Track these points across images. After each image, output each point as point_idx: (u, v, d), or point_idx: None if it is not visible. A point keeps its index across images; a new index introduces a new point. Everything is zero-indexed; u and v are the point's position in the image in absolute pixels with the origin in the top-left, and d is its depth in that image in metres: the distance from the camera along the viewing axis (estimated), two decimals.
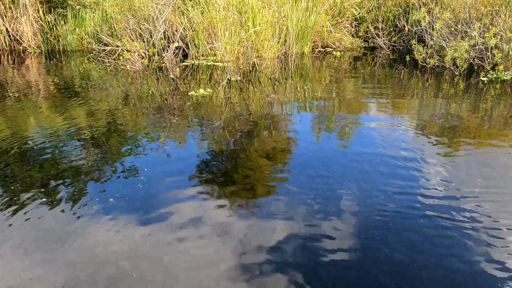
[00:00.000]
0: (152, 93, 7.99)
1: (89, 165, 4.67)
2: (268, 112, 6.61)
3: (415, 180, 4.21)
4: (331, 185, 4.11)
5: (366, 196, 3.90)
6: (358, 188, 4.05)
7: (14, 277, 2.89)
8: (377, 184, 4.11)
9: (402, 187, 4.06)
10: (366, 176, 4.30)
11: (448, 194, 3.94)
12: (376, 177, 4.28)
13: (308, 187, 4.08)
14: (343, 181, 4.21)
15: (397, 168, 4.47)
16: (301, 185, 4.13)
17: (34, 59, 12.04)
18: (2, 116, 6.57)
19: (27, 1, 13.01)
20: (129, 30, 10.76)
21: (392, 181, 4.18)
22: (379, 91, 8.10)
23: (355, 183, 4.16)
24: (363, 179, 4.23)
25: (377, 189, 4.02)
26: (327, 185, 4.11)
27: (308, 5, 11.56)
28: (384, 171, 4.40)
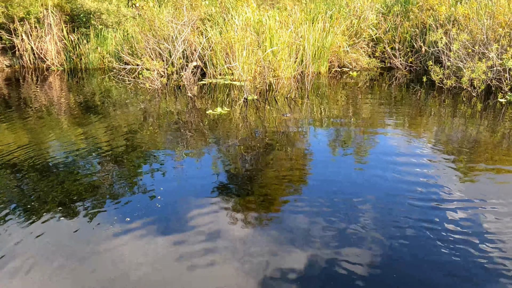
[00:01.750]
0: (170, 111, 8.14)
1: (107, 182, 4.78)
2: (284, 131, 6.67)
3: (433, 200, 4.19)
4: (349, 204, 4.12)
5: (384, 216, 3.91)
6: (376, 208, 4.05)
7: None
8: (395, 205, 4.11)
9: (421, 208, 4.05)
10: (383, 196, 4.30)
11: (468, 216, 3.92)
12: (394, 198, 4.28)
13: (325, 205, 4.11)
14: (361, 200, 4.22)
15: (415, 188, 4.47)
16: (318, 203, 4.15)
17: (57, 76, 12.38)
18: (25, 132, 6.77)
19: (52, 20, 13.45)
20: (149, 49, 11.01)
21: (410, 201, 4.17)
22: (396, 111, 8.12)
23: (373, 203, 4.16)
24: (381, 199, 4.24)
25: (396, 211, 4.02)
26: (345, 204, 4.12)
27: (325, 26, 11.70)
28: (402, 191, 4.40)
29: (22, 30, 13.47)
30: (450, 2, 12.14)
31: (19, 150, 5.77)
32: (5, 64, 14.20)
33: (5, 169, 5.11)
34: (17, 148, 5.88)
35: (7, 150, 5.79)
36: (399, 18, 12.73)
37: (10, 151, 5.75)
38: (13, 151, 5.74)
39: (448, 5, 11.95)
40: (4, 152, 5.69)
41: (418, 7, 12.40)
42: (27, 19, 13.33)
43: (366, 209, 4.04)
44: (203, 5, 13.10)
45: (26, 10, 13.16)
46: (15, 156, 5.54)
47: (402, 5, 13.05)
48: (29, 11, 13.21)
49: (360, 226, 3.74)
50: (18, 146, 5.98)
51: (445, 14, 11.52)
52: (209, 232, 3.66)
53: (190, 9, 12.24)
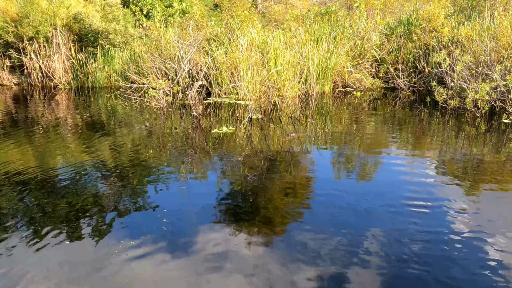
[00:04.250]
0: (176, 130, 8.22)
1: (112, 201, 4.81)
2: (289, 151, 6.71)
3: (438, 221, 4.19)
4: (354, 224, 4.13)
5: (389, 236, 3.90)
6: (381, 228, 4.05)
7: None
8: (399, 226, 4.11)
9: (424, 228, 4.05)
10: (387, 217, 4.30)
11: (474, 236, 3.91)
12: (398, 218, 4.28)
13: (330, 225, 4.11)
14: (364, 221, 4.22)
15: (419, 208, 4.47)
16: (323, 223, 4.16)
17: (64, 95, 12.53)
18: (31, 149, 6.85)
19: (60, 40, 13.68)
20: (155, 69, 11.16)
21: (415, 222, 4.17)
22: (399, 131, 8.16)
23: (377, 224, 4.16)
24: (385, 220, 4.24)
25: (399, 232, 4.01)
26: (350, 224, 4.13)
27: (329, 46, 11.84)
28: (406, 213, 4.40)
29: (31, 49, 13.70)
30: (453, 24, 12.27)
31: (25, 167, 5.82)
32: (13, 82, 14.40)
33: (10, 186, 5.16)
34: (23, 165, 5.94)
35: (14, 167, 5.85)
36: (402, 39, 12.87)
37: (16, 168, 5.80)
38: (19, 168, 5.80)
39: (450, 27, 12.08)
40: (10, 169, 5.74)
41: (421, 29, 12.54)
42: (36, 38, 13.57)
43: (371, 229, 4.04)
44: (209, 25, 13.31)
45: (36, 29, 13.41)
46: (21, 173, 5.59)
47: (405, 27, 13.20)
48: (38, 31, 13.46)
49: (365, 246, 3.74)
50: (24, 163, 6.04)
51: (448, 35, 11.64)
52: (214, 252, 3.67)
53: (196, 29, 12.43)
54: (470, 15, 13.49)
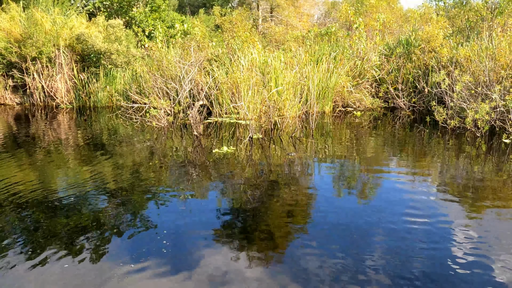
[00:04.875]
0: (176, 149, 8.23)
1: (112, 220, 4.80)
2: (289, 170, 6.71)
3: (440, 241, 4.16)
4: (354, 244, 4.10)
5: (390, 255, 3.88)
6: (382, 248, 4.03)
7: None
8: (401, 244, 4.08)
9: (427, 249, 4.02)
10: (389, 236, 4.28)
11: (477, 253, 3.88)
12: (400, 237, 4.25)
13: (330, 244, 4.09)
14: (366, 240, 4.20)
15: (420, 226, 4.44)
16: (322, 243, 4.13)
17: (66, 114, 12.60)
18: (33, 168, 6.85)
19: (63, 60, 13.83)
20: (156, 89, 11.26)
21: (417, 240, 4.14)
22: (400, 151, 8.17)
23: (378, 242, 4.14)
24: (386, 239, 4.21)
25: (402, 250, 3.99)
26: (350, 244, 4.10)
27: (329, 66, 11.95)
28: (408, 231, 4.38)
29: (34, 69, 13.83)
30: (452, 45, 12.40)
31: (26, 187, 5.82)
32: (15, 101, 14.51)
33: (11, 205, 5.15)
34: (24, 184, 5.94)
35: (14, 186, 5.85)
36: (401, 59, 13.00)
37: (17, 187, 5.80)
38: (20, 187, 5.80)
39: (449, 48, 12.21)
40: (11, 189, 5.74)
41: (420, 49, 12.67)
42: (39, 58, 13.71)
43: (373, 248, 4.02)
44: (210, 46, 13.46)
45: (39, 50, 13.57)
46: (22, 193, 5.59)
47: (404, 47, 13.35)
48: (42, 51, 13.61)
49: (367, 265, 3.71)
50: (25, 182, 6.04)
51: (447, 56, 11.75)
52: (215, 274, 3.64)
53: (198, 50, 12.57)
54: (468, 36, 13.66)
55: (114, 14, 17.27)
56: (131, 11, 17.05)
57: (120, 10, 17.30)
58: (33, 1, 15.56)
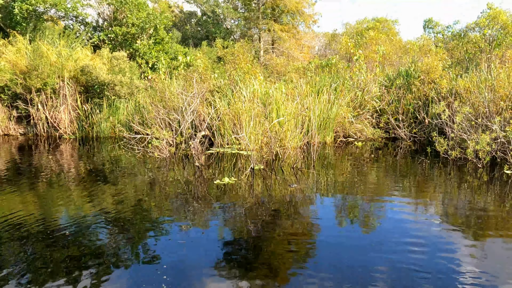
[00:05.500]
0: (178, 180, 8.24)
1: (113, 253, 4.77)
2: (291, 202, 6.69)
3: (444, 272, 4.12)
4: (357, 276, 4.06)
5: (392, 287, 3.83)
6: (384, 279, 3.98)
7: None
8: (404, 274, 4.04)
9: (431, 279, 3.97)
10: (391, 266, 4.23)
11: (481, 285, 3.84)
12: (403, 267, 4.21)
13: (332, 276, 4.04)
14: (368, 270, 4.15)
15: (422, 256, 4.40)
16: (325, 274, 4.09)
17: (69, 144, 12.68)
18: (34, 198, 6.85)
19: (67, 91, 14.02)
20: (159, 119, 11.36)
21: (419, 270, 4.10)
22: (401, 181, 8.16)
23: (381, 273, 4.09)
24: (389, 269, 4.17)
25: (404, 281, 3.94)
26: (353, 276, 4.06)
27: (330, 97, 12.08)
28: (410, 261, 4.33)
29: (38, 100, 14.01)
30: (451, 76, 12.56)
31: (27, 217, 5.81)
32: (19, 132, 14.62)
33: (12, 235, 5.13)
34: (25, 214, 5.93)
35: (16, 218, 5.83)
36: (401, 90, 13.14)
37: (18, 217, 5.79)
38: (21, 219, 5.79)
39: (449, 79, 12.36)
40: (13, 220, 5.73)
41: (419, 81, 12.83)
42: (44, 89, 13.91)
43: (375, 278, 3.97)
44: (213, 77, 13.66)
45: (44, 81, 13.78)
46: (24, 224, 5.58)
47: (404, 79, 13.52)
48: (46, 83, 13.82)
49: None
50: (27, 212, 6.03)
51: (446, 87, 11.89)
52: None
53: (200, 81, 12.75)
54: (467, 67, 13.85)
55: (118, 46, 17.61)
56: (135, 44, 17.39)
57: (125, 42, 17.64)
58: (39, 34, 15.89)
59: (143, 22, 17.37)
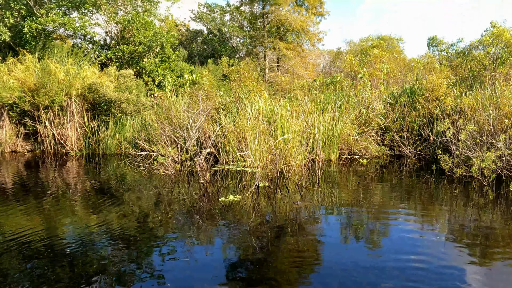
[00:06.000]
0: (183, 197, 8.27)
1: (118, 268, 4.78)
2: (295, 219, 6.70)
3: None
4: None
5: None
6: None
7: None
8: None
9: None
10: (397, 286, 4.22)
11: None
12: (409, 286, 4.20)
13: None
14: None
15: (430, 277, 4.38)
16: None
17: (75, 161, 12.77)
18: (39, 215, 6.90)
19: (74, 109, 14.18)
20: (164, 137, 11.45)
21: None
22: (407, 199, 8.14)
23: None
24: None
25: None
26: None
27: (334, 115, 12.14)
28: (417, 281, 4.32)
29: (46, 118, 14.17)
30: (455, 94, 12.60)
31: (32, 233, 5.85)
32: (26, 149, 14.76)
33: (18, 252, 5.17)
34: (30, 231, 5.97)
35: (22, 233, 5.88)
36: (406, 108, 13.18)
37: (24, 234, 5.83)
38: (27, 234, 5.83)
39: (453, 97, 12.39)
40: (19, 235, 5.77)
41: (424, 98, 12.87)
42: (51, 107, 14.08)
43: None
44: (218, 95, 13.79)
45: (51, 99, 13.96)
46: (29, 240, 5.62)
47: (408, 96, 13.57)
48: (54, 100, 14.00)
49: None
50: (32, 229, 6.08)
51: (451, 105, 11.92)
52: None
53: (205, 99, 12.87)
54: (472, 85, 13.88)
55: (125, 64, 17.85)
56: (142, 62, 17.62)
57: (132, 60, 17.89)
58: (48, 52, 16.17)
59: (150, 41, 17.63)
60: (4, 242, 5.59)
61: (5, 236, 5.84)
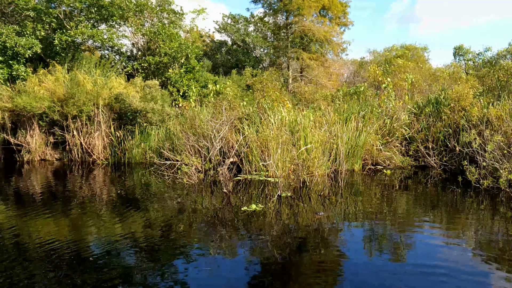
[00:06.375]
0: (206, 206, 8.36)
1: (141, 277, 4.88)
2: (318, 230, 6.68)
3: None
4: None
5: None
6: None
7: None
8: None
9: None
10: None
11: None
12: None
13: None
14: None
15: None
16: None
17: (102, 170, 13.06)
18: (67, 222, 7.09)
19: (101, 118, 14.52)
20: (188, 146, 11.61)
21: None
22: (432, 211, 8.02)
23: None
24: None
25: None
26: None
27: (358, 125, 12.08)
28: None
29: (74, 127, 14.55)
30: (482, 104, 12.38)
31: (59, 239, 6.02)
32: (55, 157, 15.17)
33: (45, 257, 5.33)
34: (57, 237, 6.15)
35: (49, 239, 6.05)
36: (431, 118, 13.01)
37: (51, 240, 6.01)
38: (54, 240, 6.00)
39: (480, 107, 12.17)
40: (46, 241, 5.95)
41: (450, 108, 12.68)
42: (80, 117, 14.46)
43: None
44: (241, 105, 13.91)
45: (80, 109, 14.34)
46: (56, 245, 5.78)
47: (434, 106, 13.39)
48: (82, 110, 14.38)
49: None
50: (59, 235, 6.25)
51: (477, 115, 11.71)
52: None
53: (229, 109, 13.00)
54: (499, 95, 13.61)
55: (151, 75, 18.20)
56: (167, 72, 17.93)
57: (157, 71, 18.23)
58: (77, 64, 16.64)
59: (175, 52, 17.95)
60: (33, 248, 5.77)
61: (34, 242, 6.03)
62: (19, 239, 6.23)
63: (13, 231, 6.66)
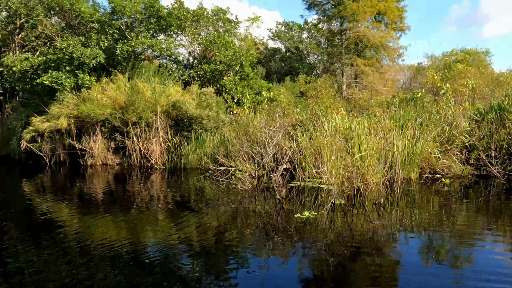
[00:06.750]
0: (259, 212, 8.46)
1: (195, 279, 5.03)
2: (372, 238, 6.58)
3: None
4: None
5: None
6: None
7: None
8: None
9: None
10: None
11: None
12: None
13: None
14: None
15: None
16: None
17: (159, 174, 13.55)
18: (125, 223, 7.43)
19: (159, 125, 15.07)
20: (242, 152, 11.79)
21: None
22: (494, 222, 7.65)
23: None
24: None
25: None
26: None
27: (415, 132, 11.75)
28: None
29: (134, 133, 15.20)
30: None
31: (117, 241, 6.33)
32: (115, 162, 15.91)
33: (104, 257, 5.63)
34: (117, 238, 6.47)
35: (108, 239, 6.38)
36: (494, 125, 12.42)
37: (110, 240, 6.33)
38: (112, 241, 6.32)
39: None
40: (105, 242, 6.28)
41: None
42: (139, 123, 15.09)
43: None
44: (295, 112, 13.94)
45: (139, 115, 14.96)
46: (114, 245, 6.09)
47: (497, 113, 12.78)
48: (141, 117, 15.00)
49: None
50: (118, 236, 6.58)
51: None
52: None
53: (282, 115, 13.08)
54: None
55: (206, 83, 18.67)
56: (222, 80, 18.32)
57: (212, 79, 18.67)
58: (137, 73, 17.40)
59: (230, 60, 18.31)
60: (93, 248, 6.11)
61: (94, 243, 6.37)
62: (82, 238, 6.61)
63: (76, 231, 7.08)
